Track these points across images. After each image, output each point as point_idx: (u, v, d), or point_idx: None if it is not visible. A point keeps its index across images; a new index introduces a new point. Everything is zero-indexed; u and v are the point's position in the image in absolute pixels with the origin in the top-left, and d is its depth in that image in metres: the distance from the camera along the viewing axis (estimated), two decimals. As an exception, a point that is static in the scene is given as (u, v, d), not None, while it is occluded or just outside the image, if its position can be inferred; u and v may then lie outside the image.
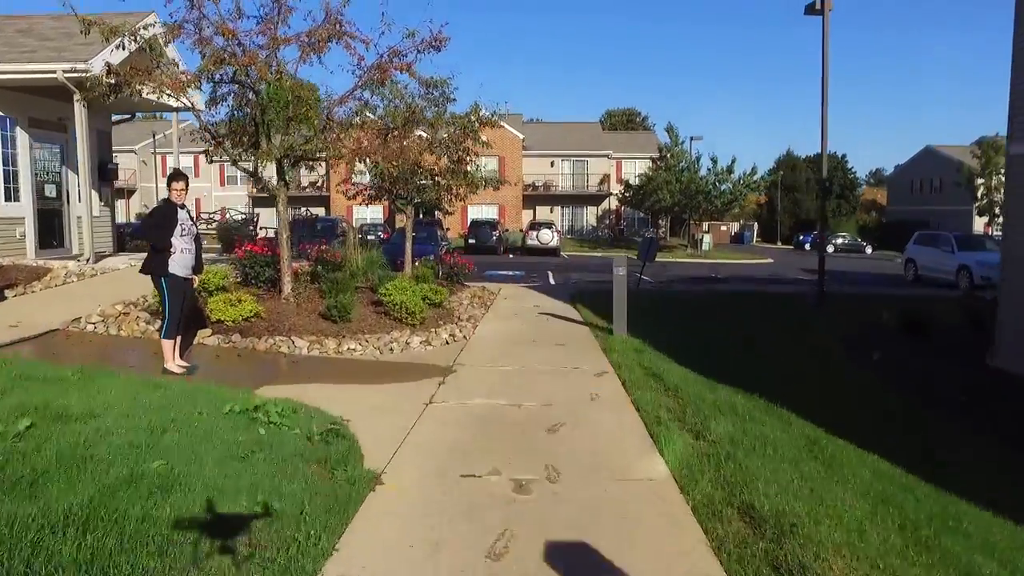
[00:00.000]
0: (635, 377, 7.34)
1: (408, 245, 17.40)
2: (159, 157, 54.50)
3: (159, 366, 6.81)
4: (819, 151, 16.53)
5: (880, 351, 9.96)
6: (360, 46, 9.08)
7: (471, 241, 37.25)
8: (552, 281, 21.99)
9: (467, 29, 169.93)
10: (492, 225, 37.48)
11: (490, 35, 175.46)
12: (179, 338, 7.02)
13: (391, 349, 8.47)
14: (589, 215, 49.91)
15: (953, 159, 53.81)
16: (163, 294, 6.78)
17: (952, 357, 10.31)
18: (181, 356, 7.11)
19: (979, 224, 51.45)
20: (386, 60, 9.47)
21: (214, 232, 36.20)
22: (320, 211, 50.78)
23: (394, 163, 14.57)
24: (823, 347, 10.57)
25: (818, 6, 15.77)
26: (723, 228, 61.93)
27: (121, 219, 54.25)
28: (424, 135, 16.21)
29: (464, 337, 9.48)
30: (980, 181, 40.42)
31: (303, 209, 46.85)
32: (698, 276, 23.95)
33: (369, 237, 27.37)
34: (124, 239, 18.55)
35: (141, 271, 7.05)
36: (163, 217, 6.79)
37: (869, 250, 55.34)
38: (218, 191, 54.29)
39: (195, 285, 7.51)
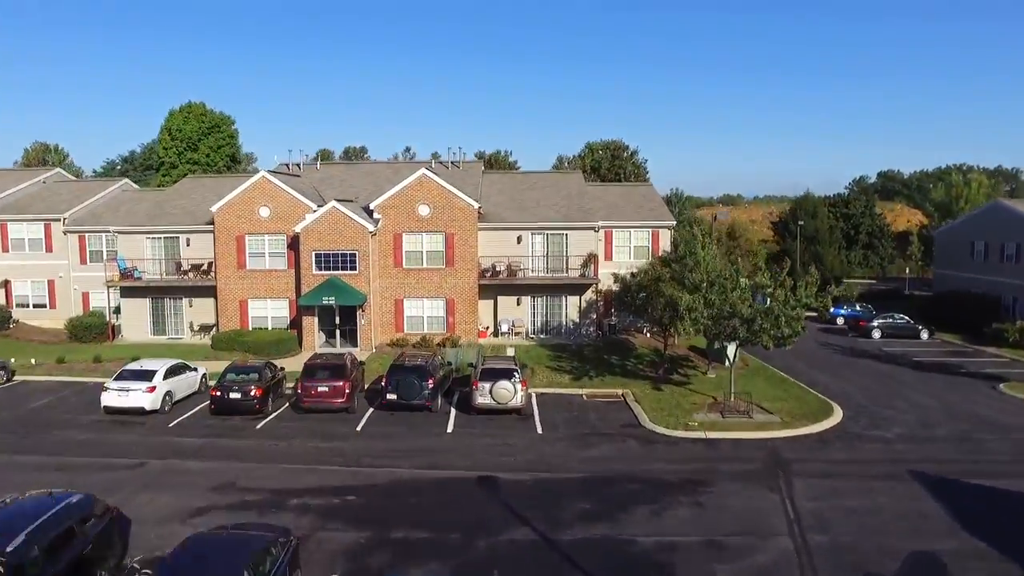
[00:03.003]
0: None
1: None
2: (-4, 225, 40.96)
3: None
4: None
5: None
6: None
7: (391, 396, 24.28)
8: None
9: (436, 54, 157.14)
10: (422, 372, 24.45)
11: (459, 63, 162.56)
12: None
13: None
14: (569, 308, 36.99)
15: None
16: None
17: None
18: None
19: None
20: None
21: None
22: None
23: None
24: None
25: None
26: (734, 294, 49.62)
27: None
28: None
29: None
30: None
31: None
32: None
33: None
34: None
35: None
36: None
37: (925, 335, 43.15)
38: (77, 271, 40.81)
39: None
